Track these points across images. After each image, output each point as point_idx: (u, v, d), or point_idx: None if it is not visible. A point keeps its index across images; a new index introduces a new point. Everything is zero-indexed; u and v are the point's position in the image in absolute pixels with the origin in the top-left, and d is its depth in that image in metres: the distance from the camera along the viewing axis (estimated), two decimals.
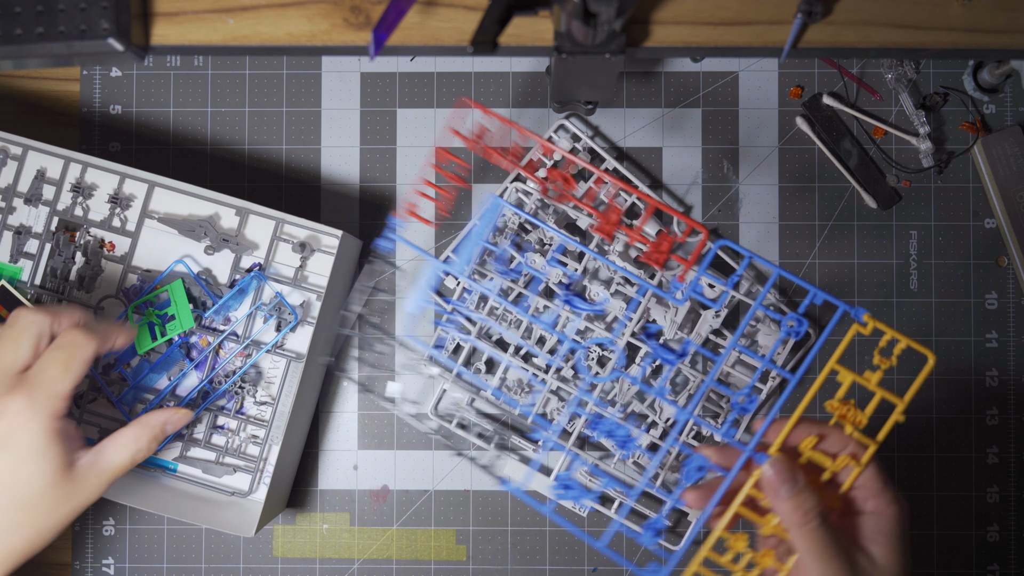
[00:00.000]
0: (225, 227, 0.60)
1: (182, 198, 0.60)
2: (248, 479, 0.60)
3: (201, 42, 0.44)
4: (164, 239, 0.60)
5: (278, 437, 0.58)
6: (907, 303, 0.64)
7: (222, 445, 0.61)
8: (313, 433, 0.64)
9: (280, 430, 0.58)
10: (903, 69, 0.63)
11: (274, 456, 0.58)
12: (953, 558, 0.63)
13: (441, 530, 0.64)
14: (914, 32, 0.44)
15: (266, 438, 0.60)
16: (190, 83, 0.65)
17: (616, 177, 0.63)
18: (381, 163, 0.65)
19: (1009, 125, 0.63)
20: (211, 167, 0.65)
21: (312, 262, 0.60)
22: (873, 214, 0.64)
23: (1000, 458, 0.63)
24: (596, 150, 0.63)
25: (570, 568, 0.64)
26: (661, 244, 0.51)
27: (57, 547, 0.64)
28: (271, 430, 0.60)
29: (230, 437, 0.61)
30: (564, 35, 0.42)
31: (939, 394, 0.64)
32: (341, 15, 0.44)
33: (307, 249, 0.59)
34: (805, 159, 0.64)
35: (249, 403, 0.61)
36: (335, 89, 0.65)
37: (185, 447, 0.61)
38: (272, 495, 0.58)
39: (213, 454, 0.61)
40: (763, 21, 0.44)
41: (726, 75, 0.64)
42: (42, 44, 0.42)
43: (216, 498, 0.60)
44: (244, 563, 0.64)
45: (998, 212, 0.63)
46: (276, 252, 0.60)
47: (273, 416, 0.60)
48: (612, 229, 0.52)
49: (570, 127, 0.63)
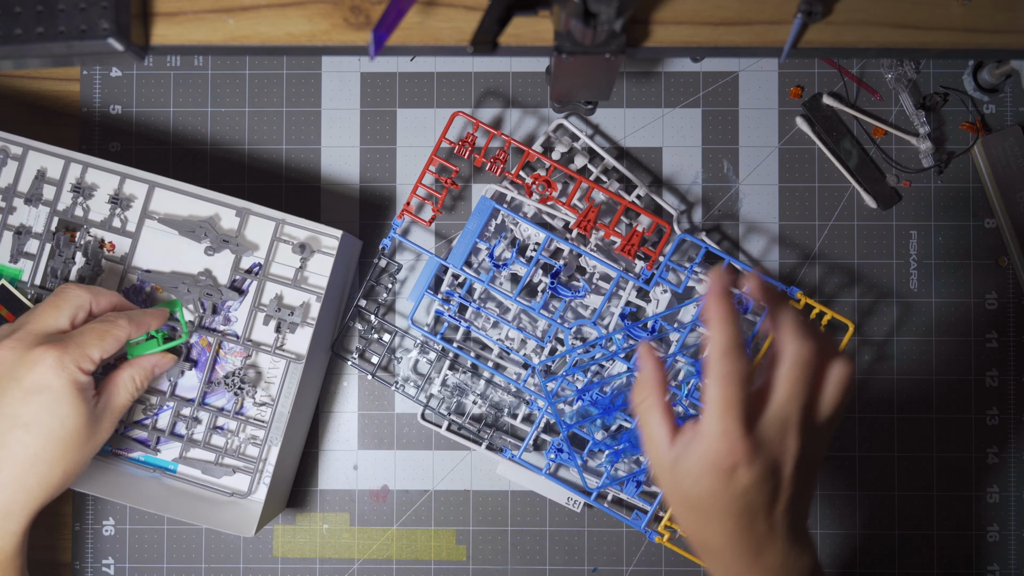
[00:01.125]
0: (225, 228, 0.60)
1: (182, 198, 0.60)
2: (248, 480, 0.60)
3: (201, 42, 0.44)
4: (164, 239, 0.60)
5: (277, 438, 0.58)
6: (907, 303, 0.64)
7: (221, 446, 0.61)
8: (313, 433, 0.64)
9: (279, 431, 0.58)
10: (903, 69, 0.63)
11: (273, 457, 0.58)
12: (953, 558, 0.63)
13: (441, 530, 0.64)
14: (914, 32, 0.44)
15: (265, 439, 0.60)
16: (190, 83, 0.65)
17: (604, 181, 0.63)
18: (381, 163, 0.65)
19: (1009, 125, 0.63)
20: (211, 167, 0.65)
21: (312, 263, 0.60)
22: (873, 214, 0.64)
23: (1000, 458, 0.63)
24: (595, 149, 0.63)
25: (570, 568, 0.64)
26: (632, 238, 0.60)
27: (57, 547, 0.64)
28: (270, 431, 0.60)
29: (229, 438, 0.61)
30: (564, 35, 0.42)
31: (939, 394, 0.64)
32: (341, 15, 0.44)
33: (307, 250, 0.59)
34: (805, 159, 0.64)
35: (249, 404, 0.61)
36: (335, 89, 0.65)
37: (185, 447, 0.61)
38: (272, 495, 0.58)
39: (213, 455, 0.61)
40: (763, 21, 0.44)
41: (726, 75, 0.64)
42: (42, 44, 0.42)
43: (216, 498, 0.60)
44: (244, 563, 0.64)
45: (998, 212, 0.63)
46: (276, 253, 0.60)
47: (272, 417, 0.60)
48: (590, 225, 0.59)
49: (568, 126, 0.63)
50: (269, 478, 0.59)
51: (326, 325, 0.61)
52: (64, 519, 0.64)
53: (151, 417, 0.61)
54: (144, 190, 0.60)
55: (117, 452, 0.61)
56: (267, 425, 0.60)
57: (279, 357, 0.60)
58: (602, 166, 0.62)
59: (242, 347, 0.60)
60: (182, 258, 0.60)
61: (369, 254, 0.64)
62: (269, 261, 0.60)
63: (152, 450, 0.61)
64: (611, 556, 0.63)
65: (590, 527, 0.64)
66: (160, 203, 0.60)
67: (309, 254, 0.59)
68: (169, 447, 0.61)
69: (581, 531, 0.64)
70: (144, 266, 0.60)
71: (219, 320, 0.60)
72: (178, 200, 0.60)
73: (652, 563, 0.63)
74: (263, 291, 0.60)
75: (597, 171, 0.62)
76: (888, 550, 0.63)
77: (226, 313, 0.60)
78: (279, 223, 0.59)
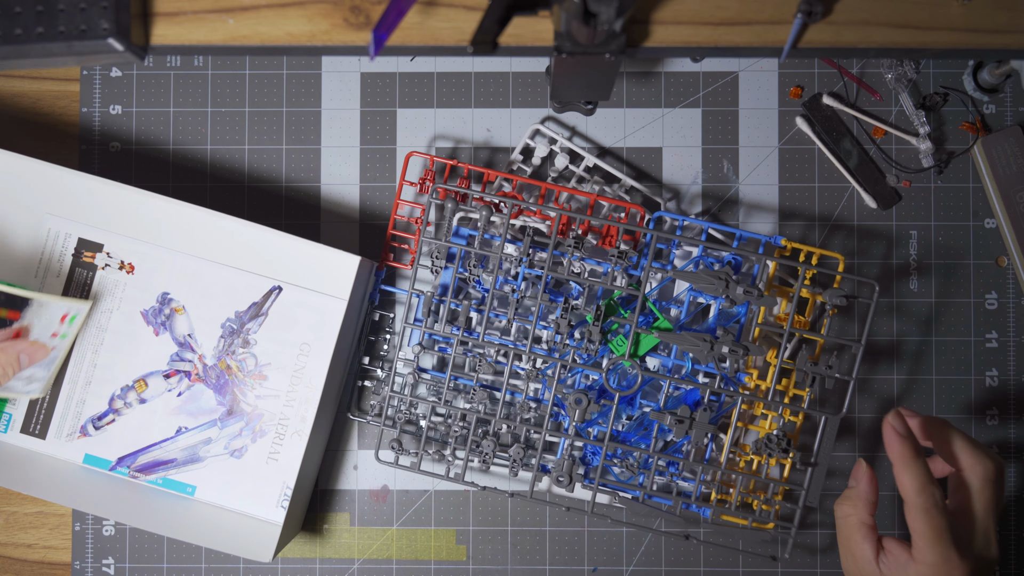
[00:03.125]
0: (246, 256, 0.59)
1: (213, 226, 0.59)
2: (265, 504, 0.60)
3: (201, 42, 0.44)
4: (191, 263, 0.60)
5: (294, 471, 0.58)
6: (907, 303, 0.64)
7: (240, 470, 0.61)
8: (338, 427, 0.64)
9: (294, 470, 0.58)
10: (903, 69, 0.63)
11: (292, 481, 0.58)
12: None
13: (441, 530, 0.64)
14: (914, 32, 0.44)
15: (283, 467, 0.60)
16: (190, 83, 0.65)
17: (587, 180, 0.63)
18: (381, 163, 0.65)
19: (1009, 125, 0.63)
20: (211, 167, 0.65)
21: (328, 286, 0.60)
22: (873, 214, 0.64)
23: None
24: (575, 150, 0.63)
25: (570, 568, 0.64)
26: (610, 228, 0.60)
27: (57, 547, 0.64)
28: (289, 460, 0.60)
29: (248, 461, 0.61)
30: (564, 35, 0.42)
31: (939, 394, 0.64)
32: (341, 15, 0.44)
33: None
34: (805, 159, 0.64)
35: (270, 428, 0.60)
36: (335, 89, 0.65)
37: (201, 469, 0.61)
38: (289, 519, 0.58)
39: (233, 478, 0.61)
40: (763, 21, 0.44)
41: (726, 75, 0.64)
42: (42, 44, 0.42)
43: (233, 522, 0.60)
44: (244, 563, 0.64)
45: (998, 212, 0.63)
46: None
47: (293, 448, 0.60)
48: (566, 228, 0.60)
49: (545, 131, 0.63)
50: (287, 502, 0.59)
51: (343, 346, 0.60)
52: (64, 519, 0.64)
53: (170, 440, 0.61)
54: (179, 218, 0.59)
55: (135, 475, 0.61)
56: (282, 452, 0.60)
57: (293, 403, 0.60)
58: (583, 165, 0.62)
59: (260, 370, 0.60)
60: (203, 281, 0.60)
61: (372, 256, 0.64)
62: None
63: (172, 472, 0.61)
64: (611, 556, 0.63)
65: (590, 527, 0.64)
66: (187, 225, 0.60)
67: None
68: (188, 470, 0.61)
69: (581, 531, 0.64)
70: (165, 288, 0.61)
71: (239, 343, 0.60)
72: (210, 225, 0.59)
73: (652, 563, 0.63)
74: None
75: (579, 170, 0.62)
76: None
77: (245, 336, 0.60)
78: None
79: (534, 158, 0.63)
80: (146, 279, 0.61)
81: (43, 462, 0.60)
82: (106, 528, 0.64)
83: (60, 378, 0.60)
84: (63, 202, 0.61)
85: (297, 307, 0.60)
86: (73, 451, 0.61)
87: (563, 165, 0.62)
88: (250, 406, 0.60)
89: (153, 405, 0.61)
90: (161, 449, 0.61)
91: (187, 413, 0.61)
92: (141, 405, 0.60)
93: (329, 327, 0.59)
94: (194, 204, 0.57)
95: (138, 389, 0.61)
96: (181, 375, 0.60)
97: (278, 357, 0.60)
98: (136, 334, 0.61)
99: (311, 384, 0.60)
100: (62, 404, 0.61)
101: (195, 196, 0.64)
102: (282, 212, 0.65)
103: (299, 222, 0.64)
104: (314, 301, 0.60)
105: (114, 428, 0.61)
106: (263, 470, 0.60)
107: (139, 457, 0.61)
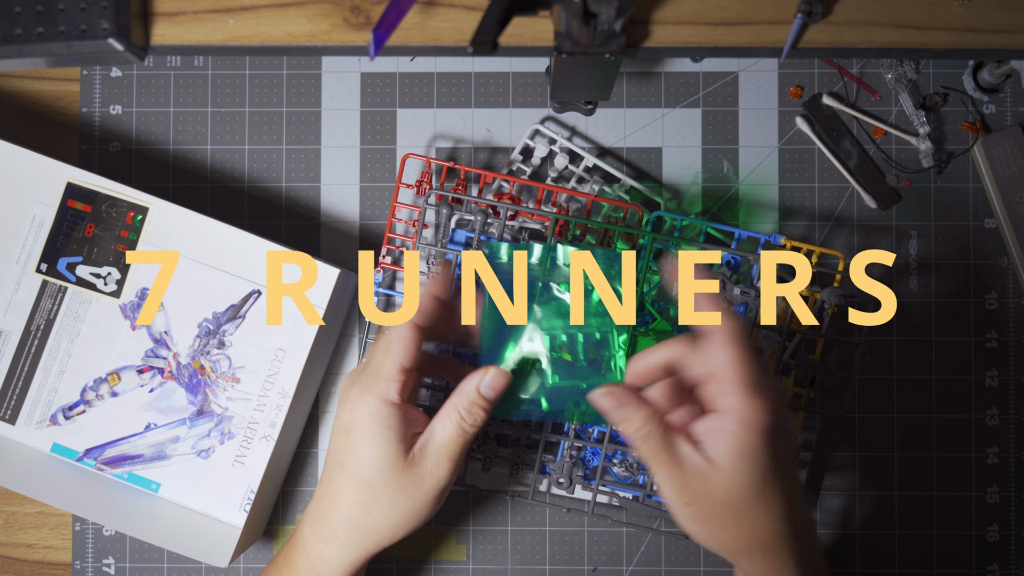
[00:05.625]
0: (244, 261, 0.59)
1: (212, 234, 0.59)
2: (228, 506, 0.60)
3: (201, 42, 0.44)
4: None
5: (260, 470, 0.58)
6: (907, 303, 0.64)
7: (207, 471, 0.61)
8: (310, 433, 0.64)
9: (259, 474, 0.58)
10: (903, 69, 0.63)
11: (255, 485, 0.59)
12: (953, 558, 0.63)
13: (441, 530, 0.64)
14: (914, 32, 0.44)
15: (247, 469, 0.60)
16: (190, 83, 0.65)
17: (586, 180, 0.63)
18: (381, 163, 0.65)
19: (1009, 125, 0.63)
20: (211, 167, 0.65)
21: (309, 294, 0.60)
22: (873, 214, 0.64)
23: (1000, 458, 0.63)
24: (574, 150, 0.63)
25: (570, 568, 0.64)
26: (608, 230, 0.60)
27: (57, 547, 0.64)
28: (253, 461, 0.60)
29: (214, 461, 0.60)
30: (564, 35, 0.42)
31: (939, 394, 0.64)
32: (341, 15, 0.44)
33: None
34: (805, 159, 0.64)
35: (238, 430, 0.60)
36: (335, 89, 0.65)
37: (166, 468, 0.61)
38: (250, 524, 0.58)
39: (200, 478, 0.60)
40: (763, 21, 0.44)
41: (726, 75, 0.64)
42: (42, 44, 0.42)
43: (195, 523, 0.59)
44: (244, 563, 0.64)
45: (998, 212, 0.63)
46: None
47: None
48: (565, 230, 0.60)
49: (545, 131, 0.63)
50: (249, 506, 0.59)
51: (317, 363, 0.61)
52: (65, 519, 0.64)
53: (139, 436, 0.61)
54: (177, 220, 0.59)
55: (102, 467, 0.61)
56: (248, 453, 0.60)
57: (266, 396, 0.60)
58: (583, 165, 0.62)
59: (233, 372, 0.60)
60: (184, 279, 0.60)
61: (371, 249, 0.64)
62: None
63: (138, 467, 0.61)
64: (611, 556, 0.63)
65: (590, 527, 0.64)
66: (186, 230, 0.60)
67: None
68: (154, 467, 0.61)
69: (581, 531, 0.64)
70: (145, 284, 0.60)
71: (214, 343, 0.60)
72: (192, 225, 0.59)
73: (652, 563, 0.63)
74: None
75: (579, 171, 0.62)
76: (888, 550, 0.63)
77: (221, 337, 0.60)
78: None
79: (534, 158, 0.63)
80: (127, 272, 0.61)
81: (11, 447, 0.60)
82: (106, 528, 0.64)
83: (35, 364, 0.60)
84: (50, 191, 0.60)
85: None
86: (42, 439, 0.61)
87: (563, 165, 0.62)
88: (221, 408, 0.60)
89: (124, 399, 0.60)
90: (129, 444, 0.61)
91: (157, 410, 0.60)
92: (113, 398, 0.60)
93: (304, 335, 0.59)
94: (190, 204, 0.57)
95: (111, 382, 0.60)
96: (154, 371, 0.60)
97: (252, 361, 0.60)
98: (113, 327, 0.60)
99: (283, 390, 0.60)
100: (34, 391, 0.61)
101: (195, 196, 0.64)
102: (282, 212, 0.65)
103: (299, 222, 0.64)
104: (292, 307, 0.60)
105: (84, 419, 0.60)
106: (229, 472, 0.60)
107: (107, 450, 0.61)
